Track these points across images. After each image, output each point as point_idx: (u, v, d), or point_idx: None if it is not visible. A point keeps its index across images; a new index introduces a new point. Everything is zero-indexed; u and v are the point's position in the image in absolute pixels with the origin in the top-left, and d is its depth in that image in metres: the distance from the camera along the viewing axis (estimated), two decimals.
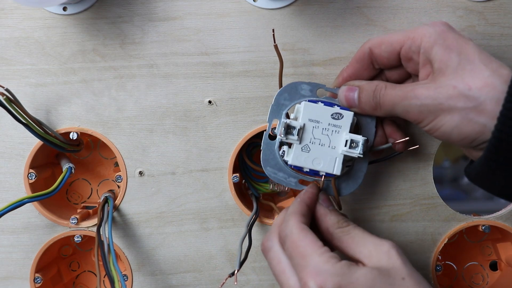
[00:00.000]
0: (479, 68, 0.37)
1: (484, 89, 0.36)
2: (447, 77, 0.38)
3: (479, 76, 0.37)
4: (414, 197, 0.51)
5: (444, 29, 0.40)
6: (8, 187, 0.51)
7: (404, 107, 0.40)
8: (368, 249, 0.38)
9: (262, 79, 0.50)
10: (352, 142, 0.43)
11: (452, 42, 0.39)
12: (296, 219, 0.40)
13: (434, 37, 0.39)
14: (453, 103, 0.37)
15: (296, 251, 0.38)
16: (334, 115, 0.43)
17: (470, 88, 0.37)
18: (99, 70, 0.50)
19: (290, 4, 0.49)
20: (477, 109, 0.36)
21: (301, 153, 0.43)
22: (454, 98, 0.37)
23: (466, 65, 0.37)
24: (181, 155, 0.51)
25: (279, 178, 0.46)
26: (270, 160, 0.45)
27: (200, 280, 0.52)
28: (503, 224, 0.52)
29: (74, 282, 0.58)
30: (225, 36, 0.49)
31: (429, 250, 0.52)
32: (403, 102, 0.40)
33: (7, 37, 0.49)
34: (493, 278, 0.58)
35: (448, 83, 0.37)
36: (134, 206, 0.51)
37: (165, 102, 0.50)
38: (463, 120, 0.37)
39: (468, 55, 0.38)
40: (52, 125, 0.50)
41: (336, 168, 0.44)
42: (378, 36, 0.43)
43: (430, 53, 0.39)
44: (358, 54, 0.45)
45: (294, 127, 0.43)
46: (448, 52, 0.38)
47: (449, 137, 0.39)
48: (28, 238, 0.52)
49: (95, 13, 0.49)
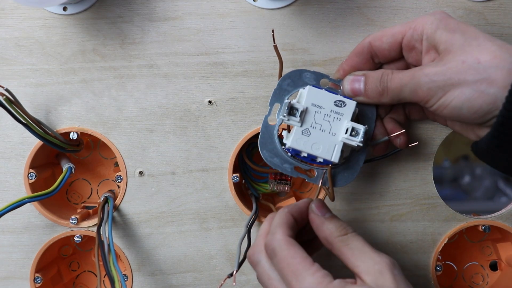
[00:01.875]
0: (485, 43, 0.38)
1: (494, 60, 0.36)
2: (454, 53, 0.38)
3: (487, 50, 0.37)
4: (414, 197, 0.51)
5: (444, 16, 0.40)
6: (8, 187, 0.51)
7: (413, 86, 0.40)
8: (366, 264, 0.37)
9: (262, 79, 0.50)
10: (353, 130, 0.43)
11: (454, 25, 0.39)
12: (283, 232, 0.39)
13: (436, 23, 0.40)
14: (462, 76, 0.37)
15: (287, 269, 0.37)
16: (337, 102, 0.43)
17: (479, 61, 0.37)
18: (99, 70, 0.50)
19: (290, 4, 0.49)
20: (487, 80, 0.36)
21: (301, 136, 0.43)
22: (464, 71, 0.37)
23: (472, 41, 0.38)
24: (181, 155, 0.51)
25: (275, 163, 0.45)
26: (268, 144, 0.45)
27: (200, 280, 0.52)
28: (503, 224, 0.52)
29: (74, 282, 0.58)
30: (225, 36, 0.49)
31: (429, 250, 0.52)
32: (412, 81, 0.40)
33: (7, 37, 0.49)
34: (493, 278, 0.58)
35: (457, 58, 0.38)
36: (134, 206, 0.51)
37: (165, 102, 0.50)
38: (474, 93, 0.37)
39: (472, 34, 0.38)
40: (52, 125, 0.50)
41: (335, 155, 0.43)
42: (378, 31, 0.44)
43: (434, 37, 0.40)
44: (357, 48, 0.45)
45: (297, 109, 0.43)
46: (452, 33, 0.39)
47: (459, 112, 0.38)
48: (28, 238, 0.52)
49: (95, 13, 0.49)
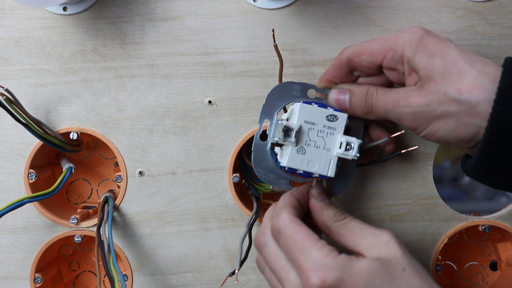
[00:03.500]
0: (465, 70, 0.37)
1: (474, 91, 0.36)
2: (435, 82, 0.38)
3: (467, 78, 0.37)
4: (414, 197, 0.51)
5: (422, 34, 0.40)
6: (8, 187, 0.51)
7: (397, 114, 0.40)
8: (367, 240, 0.37)
9: (262, 79, 0.50)
10: (348, 144, 0.43)
11: (433, 47, 0.39)
12: (288, 211, 0.39)
13: (415, 45, 0.39)
14: (445, 108, 0.37)
15: (293, 245, 0.37)
16: (329, 116, 0.43)
17: (460, 92, 0.37)
18: (99, 70, 0.50)
19: (290, 4, 0.49)
20: (470, 112, 0.37)
21: (297, 155, 0.43)
22: (446, 103, 0.37)
23: (452, 68, 0.37)
24: (181, 155, 0.51)
25: (270, 180, 0.45)
26: (262, 162, 0.45)
27: (200, 280, 0.52)
28: (503, 224, 0.52)
29: (74, 282, 0.58)
30: (225, 36, 0.49)
31: (429, 250, 0.52)
32: (396, 109, 0.40)
33: (7, 37, 0.49)
34: (493, 278, 0.58)
35: (438, 88, 0.37)
36: (134, 206, 0.51)
37: (165, 102, 0.50)
38: (458, 124, 0.37)
39: (452, 58, 0.38)
40: (52, 125, 0.50)
41: (331, 170, 0.43)
42: (356, 45, 0.43)
43: (414, 62, 0.39)
44: (336, 62, 0.44)
45: (292, 129, 0.42)
46: (432, 58, 0.38)
47: (446, 140, 0.39)
48: (28, 238, 0.52)
49: (95, 13, 0.49)
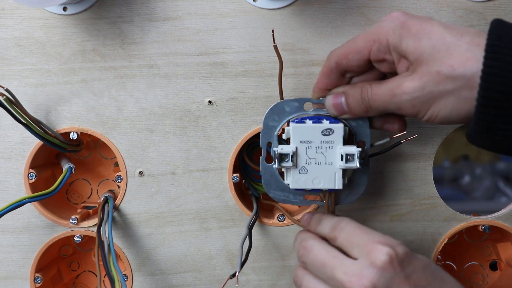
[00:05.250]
0: (453, 45, 0.37)
1: (467, 64, 0.36)
2: (426, 64, 0.37)
3: (457, 53, 0.36)
4: (414, 197, 0.51)
5: (403, 19, 0.39)
6: (8, 187, 0.51)
7: (396, 104, 0.39)
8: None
9: (262, 79, 0.50)
10: (348, 156, 0.42)
11: (417, 29, 0.38)
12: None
13: (398, 31, 0.39)
14: (442, 87, 0.37)
15: (357, 232, 0.41)
16: (324, 131, 0.42)
17: (453, 68, 0.36)
18: (99, 70, 0.50)
19: (290, 4, 0.49)
20: (467, 86, 0.36)
21: (300, 175, 0.43)
22: (442, 82, 0.37)
23: (440, 46, 0.37)
24: (181, 155, 0.51)
25: (286, 199, 0.46)
26: (272, 184, 0.45)
27: (200, 280, 0.52)
28: (503, 224, 0.52)
29: (74, 282, 0.58)
30: (225, 36, 0.49)
31: (429, 250, 0.52)
32: (393, 99, 0.39)
33: (7, 37, 0.49)
34: (493, 278, 0.58)
35: (430, 69, 0.37)
36: (134, 206, 0.51)
37: (165, 102, 0.50)
38: (458, 100, 0.37)
39: (438, 36, 0.37)
40: (52, 125, 0.50)
41: (337, 183, 0.43)
42: (340, 47, 0.42)
43: (401, 49, 0.39)
44: (325, 69, 0.43)
45: (287, 154, 0.42)
46: (418, 40, 0.38)
47: (449, 120, 0.38)
48: (28, 238, 0.51)
49: (95, 13, 0.49)
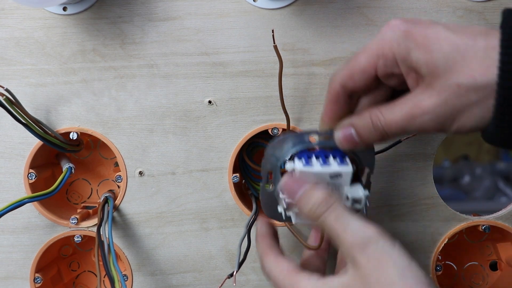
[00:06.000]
0: (468, 52, 0.34)
1: (488, 72, 0.33)
2: (444, 77, 0.35)
3: (475, 61, 0.34)
4: (414, 197, 0.51)
5: (404, 28, 0.36)
6: (8, 187, 0.51)
7: (417, 125, 0.36)
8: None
9: (262, 79, 0.50)
10: (354, 200, 0.40)
11: (423, 39, 0.35)
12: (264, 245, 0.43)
13: (403, 43, 0.36)
14: (466, 100, 0.34)
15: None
16: (332, 176, 0.39)
17: (474, 78, 0.34)
18: (99, 70, 0.50)
19: (290, 4, 0.49)
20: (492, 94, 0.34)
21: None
22: (464, 95, 0.34)
23: (455, 55, 0.34)
24: (181, 155, 0.51)
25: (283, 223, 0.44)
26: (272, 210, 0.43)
27: (200, 280, 0.52)
28: (503, 224, 0.52)
29: (74, 282, 0.58)
30: (225, 36, 0.49)
31: (429, 250, 0.52)
32: (414, 122, 0.36)
33: (7, 37, 0.49)
34: (493, 278, 0.58)
35: (449, 83, 0.34)
36: (134, 206, 0.51)
37: (165, 102, 0.50)
38: (484, 109, 0.34)
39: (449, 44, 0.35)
40: (52, 125, 0.50)
41: None
42: (342, 70, 0.39)
43: (411, 61, 0.36)
44: (331, 96, 0.40)
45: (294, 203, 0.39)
46: (429, 52, 0.35)
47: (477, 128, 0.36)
48: (28, 238, 0.52)
49: (95, 13, 0.49)
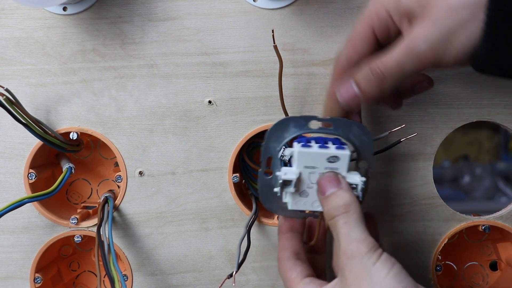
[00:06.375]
0: None
1: None
2: (433, 4, 0.35)
3: None
4: (414, 197, 0.51)
5: None
6: (8, 187, 0.51)
7: (414, 57, 0.36)
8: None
9: (262, 79, 0.50)
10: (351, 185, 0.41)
11: None
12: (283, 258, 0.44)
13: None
14: (458, 18, 0.34)
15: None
16: (330, 158, 0.41)
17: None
18: (99, 70, 0.50)
19: (290, 4, 0.49)
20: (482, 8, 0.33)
21: (300, 198, 0.42)
22: (456, 13, 0.34)
23: None
24: (181, 155, 0.51)
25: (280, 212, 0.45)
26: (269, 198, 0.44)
27: (200, 280, 0.52)
28: (503, 224, 0.52)
29: (74, 282, 0.58)
30: (225, 36, 0.49)
31: (429, 250, 0.52)
32: (411, 55, 0.36)
33: (7, 37, 0.49)
34: (493, 278, 0.58)
35: (439, 7, 0.34)
36: (134, 206, 0.51)
37: (165, 102, 0.50)
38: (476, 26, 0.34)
39: None
40: (52, 125, 0.50)
41: None
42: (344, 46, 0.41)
43: (402, 5, 0.36)
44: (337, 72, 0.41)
45: (291, 181, 0.40)
46: None
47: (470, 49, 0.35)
48: (28, 238, 0.52)
49: (95, 13, 0.49)
